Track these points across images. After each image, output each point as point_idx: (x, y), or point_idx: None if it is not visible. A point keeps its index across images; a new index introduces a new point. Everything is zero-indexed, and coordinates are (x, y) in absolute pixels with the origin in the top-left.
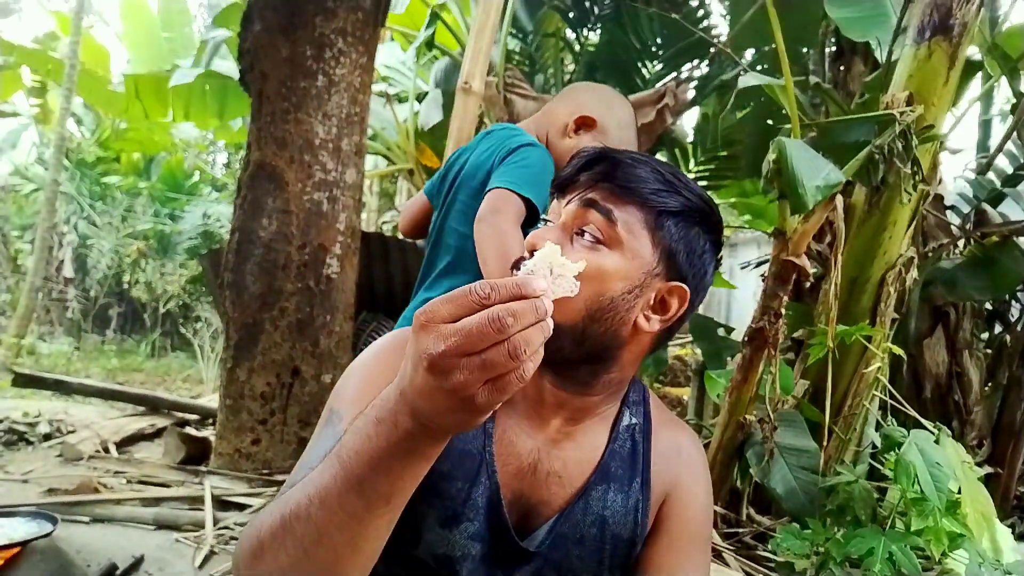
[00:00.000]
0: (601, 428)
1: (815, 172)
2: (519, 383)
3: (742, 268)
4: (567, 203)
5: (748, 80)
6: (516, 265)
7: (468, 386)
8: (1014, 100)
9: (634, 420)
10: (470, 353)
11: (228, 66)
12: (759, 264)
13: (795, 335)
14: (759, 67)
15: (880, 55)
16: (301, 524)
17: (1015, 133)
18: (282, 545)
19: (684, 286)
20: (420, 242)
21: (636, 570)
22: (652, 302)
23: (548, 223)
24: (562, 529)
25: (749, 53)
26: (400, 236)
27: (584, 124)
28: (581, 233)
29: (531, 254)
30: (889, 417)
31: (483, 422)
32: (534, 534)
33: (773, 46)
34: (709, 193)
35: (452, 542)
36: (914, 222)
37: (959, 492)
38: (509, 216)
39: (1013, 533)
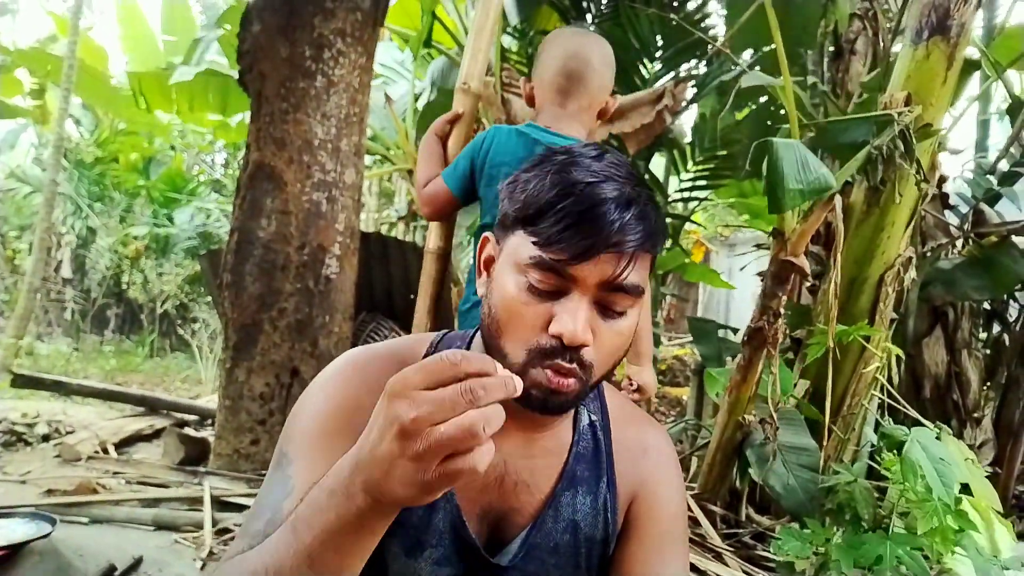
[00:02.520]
0: (563, 430)
1: (801, 175)
2: (471, 474)
3: (741, 269)
4: (595, 276)
5: (750, 80)
6: (536, 354)
7: (427, 458)
8: (1010, 100)
9: (593, 418)
10: (437, 422)
11: (226, 63)
12: (757, 247)
13: (794, 335)
14: (758, 68)
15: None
16: None
17: (1009, 130)
18: None
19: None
20: (421, 243)
21: (610, 573)
22: None
23: (545, 284)
24: (535, 540)
25: (748, 54)
26: (399, 238)
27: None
28: (608, 306)
29: (556, 338)
30: (887, 416)
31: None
32: (507, 548)
33: (772, 47)
34: (708, 193)
35: (418, 570)
36: (912, 222)
37: (962, 490)
38: None
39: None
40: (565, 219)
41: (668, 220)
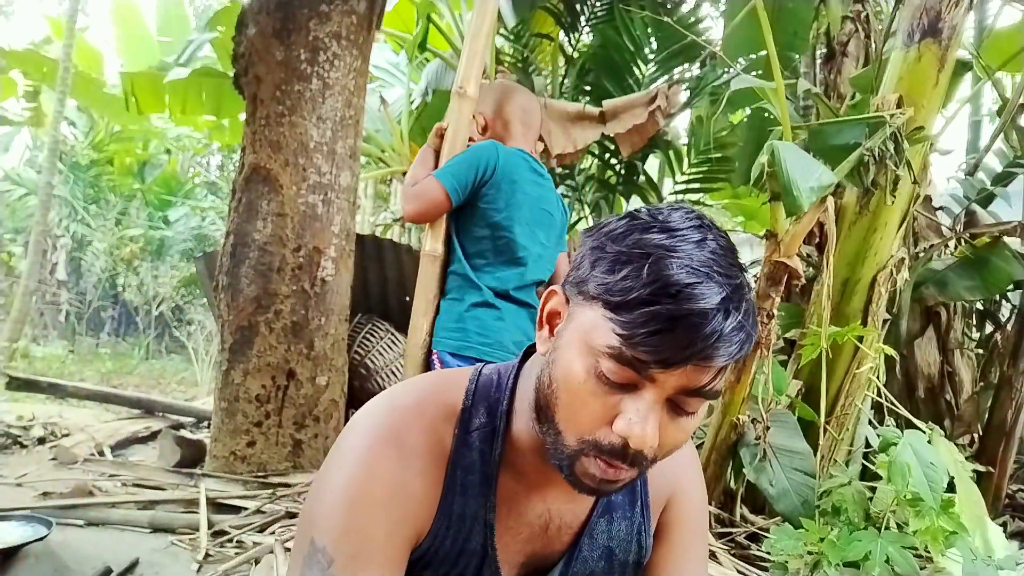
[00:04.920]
0: None
1: (808, 174)
2: None
3: None
4: (674, 383)
5: (740, 82)
6: (592, 447)
7: None
8: (1001, 102)
9: None
10: None
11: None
12: (752, 264)
13: (787, 336)
14: (752, 72)
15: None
16: None
17: (1003, 134)
18: None
19: None
20: (416, 245)
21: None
22: None
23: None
24: (573, 570)
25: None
26: (394, 240)
27: None
28: (680, 405)
29: (624, 442)
30: (886, 418)
31: (486, 516)
32: None
33: (764, 52)
34: (702, 195)
35: None
36: (905, 223)
37: (951, 491)
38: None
39: (1004, 532)
40: (657, 322)
41: None
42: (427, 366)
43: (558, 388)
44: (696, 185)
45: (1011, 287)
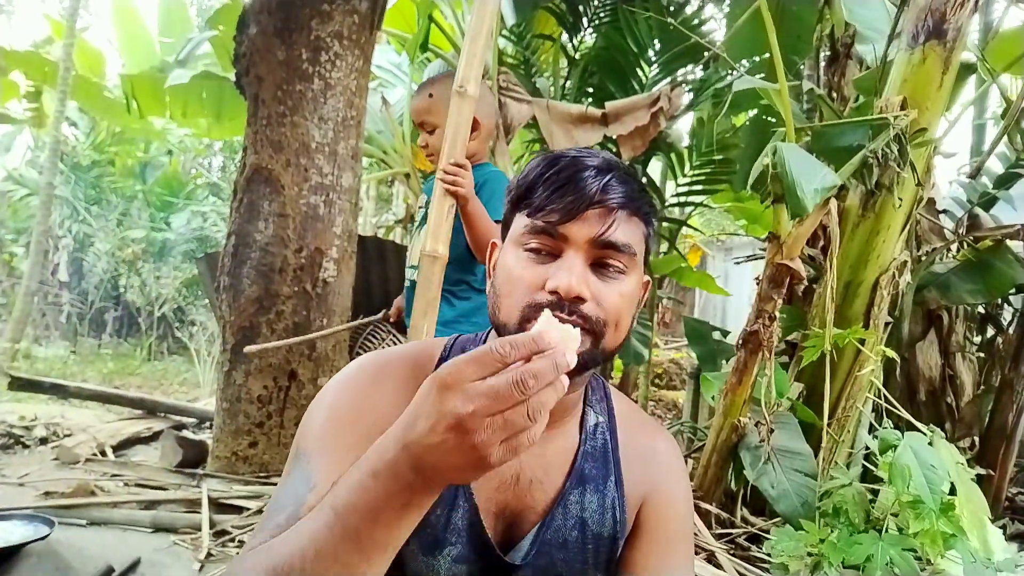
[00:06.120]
0: (572, 429)
1: (812, 175)
2: (529, 444)
3: (736, 263)
4: (584, 234)
5: (743, 83)
6: (531, 309)
7: (488, 445)
8: (1006, 105)
9: (600, 419)
10: (494, 413)
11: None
12: (751, 258)
13: (789, 338)
14: (755, 75)
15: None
16: None
17: (1005, 136)
18: None
19: (648, 279)
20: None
21: (619, 572)
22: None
23: (541, 250)
24: (545, 536)
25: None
26: (396, 241)
27: None
28: (603, 265)
29: (554, 294)
30: (885, 420)
31: None
32: (519, 545)
33: (768, 55)
34: (705, 198)
35: (436, 568)
36: (908, 226)
37: (951, 493)
38: None
39: (1004, 534)
40: (552, 185)
41: (664, 224)
42: None
43: (500, 284)
44: (698, 187)
45: (1013, 291)
